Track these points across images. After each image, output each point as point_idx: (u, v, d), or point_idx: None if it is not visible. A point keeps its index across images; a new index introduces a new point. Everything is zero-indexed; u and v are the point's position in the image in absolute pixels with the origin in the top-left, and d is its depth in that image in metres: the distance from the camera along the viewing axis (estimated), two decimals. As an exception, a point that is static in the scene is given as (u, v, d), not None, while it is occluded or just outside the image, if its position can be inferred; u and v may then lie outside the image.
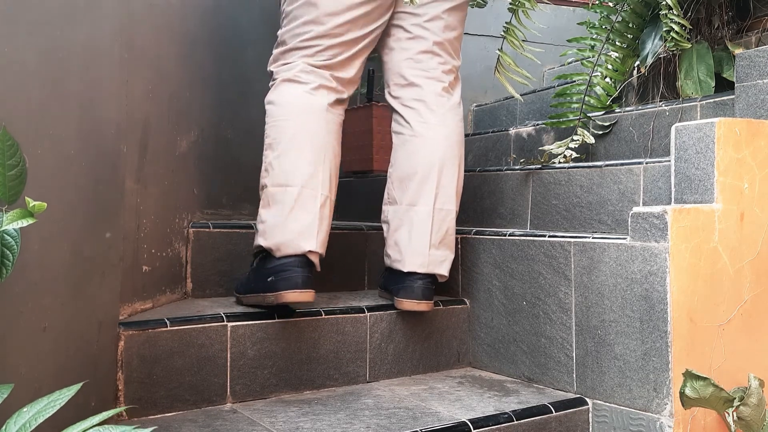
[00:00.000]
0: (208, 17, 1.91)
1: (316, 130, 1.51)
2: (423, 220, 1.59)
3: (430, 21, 1.63)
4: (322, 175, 1.48)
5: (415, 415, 1.31)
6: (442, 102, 1.63)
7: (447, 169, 1.61)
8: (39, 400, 0.70)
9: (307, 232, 1.44)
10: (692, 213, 1.30)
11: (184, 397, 1.33)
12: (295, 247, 1.43)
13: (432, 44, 1.63)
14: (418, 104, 1.63)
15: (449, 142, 1.62)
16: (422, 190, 1.60)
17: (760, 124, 1.41)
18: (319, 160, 1.49)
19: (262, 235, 1.48)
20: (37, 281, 0.93)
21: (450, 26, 1.65)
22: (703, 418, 1.30)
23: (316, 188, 1.47)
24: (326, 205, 1.49)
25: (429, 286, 1.58)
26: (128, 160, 1.32)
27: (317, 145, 1.50)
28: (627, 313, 1.33)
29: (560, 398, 1.42)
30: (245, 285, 1.54)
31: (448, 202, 1.61)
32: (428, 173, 1.60)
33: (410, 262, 1.58)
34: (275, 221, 1.45)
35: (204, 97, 1.87)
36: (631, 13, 1.99)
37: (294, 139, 1.49)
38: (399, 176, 1.64)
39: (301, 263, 1.44)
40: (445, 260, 1.61)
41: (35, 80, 0.93)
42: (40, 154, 0.93)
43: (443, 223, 1.60)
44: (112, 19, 1.21)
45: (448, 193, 1.60)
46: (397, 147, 1.66)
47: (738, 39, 1.89)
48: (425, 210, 1.59)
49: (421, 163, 1.60)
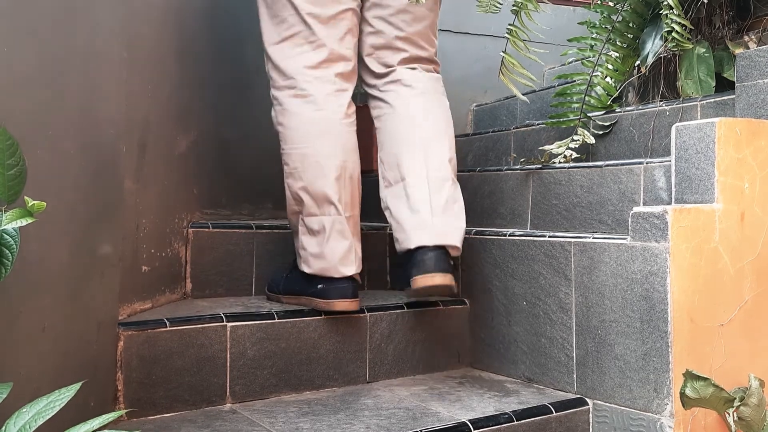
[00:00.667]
0: (207, 17, 1.91)
1: (334, 152, 1.51)
2: (418, 190, 1.52)
3: (394, 15, 1.60)
4: (347, 196, 1.53)
5: (415, 415, 1.31)
6: (417, 77, 1.61)
7: (433, 135, 1.56)
8: (38, 400, 0.69)
9: (345, 259, 1.51)
10: (693, 213, 1.29)
11: (183, 397, 1.32)
12: (337, 273, 1.51)
13: (394, 39, 1.60)
14: (392, 86, 1.62)
15: (430, 108, 1.59)
16: (412, 162, 1.54)
17: (761, 123, 1.41)
18: (342, 182, 1.52)
19: (305, 261, 1.55)
20: (36, 281, 0.93)
21: (418, 17, 1.61)
22: (704, 419, 1.30)
23: (345, 210, 1.52)
24: (354, 224, 1.55)
25: (443, 257, 1.47)
26: (128, 159, 1.31)
27: (338, 166, 1.52)
28: (627, 313, 1.33)
29: (560, 398, 1.42)
30: (287, 285, 1.61)
31: (441, 169, 1.54)
32: (414, 144, 1.55)
33: (416, 237, 1.49)
34: (314, 251, 1.53)
35: (204, 97, 1.87)
36: (632, 13, 1.99)
37: (313, 167, 1.51)
38: (387, 156, 1.59)
39: (349, 280, 1.52)
40: (456, 229, 1.51)
41: (35, 80, 0.93)
42: (39, 154, 0.93)
43: (441, 190, 1.52)
44: (111, 19, 1.21)
45: (440, 159, 1.54)
46: (380, 129, 1.63)
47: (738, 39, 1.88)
48: (418, 180, 1.53)
49: (404, 136, 1.56)
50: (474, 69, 2.97)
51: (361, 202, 1.61)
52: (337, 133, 1.53)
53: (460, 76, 2.86)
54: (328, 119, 1.52)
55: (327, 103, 1.52)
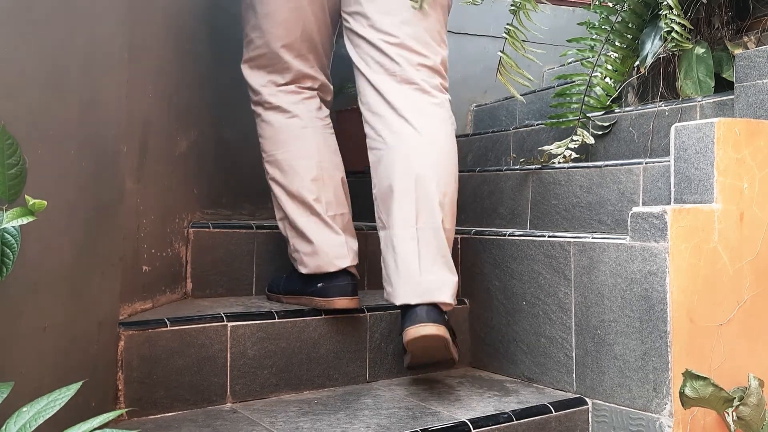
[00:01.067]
0: (208, 17, 1.91)
1: (308, 154, 1.54)
2: (405, 244, 1.38)
3: (378, 14, 1.44)
4: (328, 196, 1.54)
5: (414, 414, 1.31)
6: (415, 104, 1.42)
7: (426, 180, 1.38)
8: (39, 399, 0.70)
9: (338, 252, 1.51)
10: (692, 213, 1.30)
11: (184, 397, 1.33)
12: (332, 267, 1.51)
13: (386, 45, 1.43)
14: (386, 110, 1.43)
15: (427, 148, 1.40)
16: (401, 209, 1.39)
17: (760, 124, 1.41)
18: (320, 183, 1.54)
19: (300, 263, 1.55)
20: (37, 281, 0.93)
21: (409, 21, 1.43)
22: (703, 418, 1.30)
23: (328, 210, 1.53)
24: (343, 221, 1.55)
25: (433, 311, 1.35)
26: (128, 160, 1.32)
27: (313, 166, 1.54)
28: (627, 313, 1.33)
29: (560, 398, 1.42)
30: (287, 286, 1.60)
31: (432, 219, 1.38)
32: (405, 188, 1.39)
33: (401, 293, 1.38)
34: (306, 250, 1.53)
35: (204, 97, 1.87)
36: (631, 14, 1.99)
37: (289, 171, 1.54)
38: (380, 196, 1.45)
39: (348, 272, 1.53)
40: (444, 285, 1.37)
41: (35, 80, 0.93)
42: (40, 154, 0.93)
43: (431, 243, 1.38)
44: (111, 19, 1.21)
45: (431, 207, 1.38)
46: (373, 164, 1.47)
47: (737, 39, 1.89)
48: (407, 231, 1.38)
49: (396, 178, 1.40)
50: (473, 70, 2.97)
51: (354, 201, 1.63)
52: (311, 136, 1.56)
53: (459, 77, 2.87)
54: (300, 124, 1.56)
55: (296, 109, 1.56)
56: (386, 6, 1.43)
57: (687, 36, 1.80)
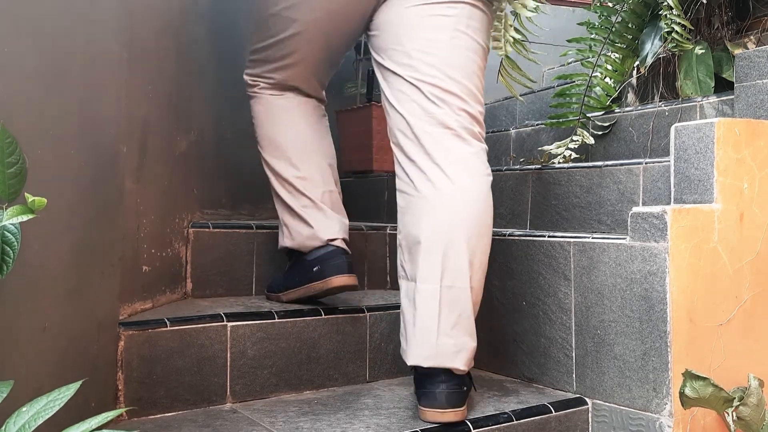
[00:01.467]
0: (207, 17, 1.91)
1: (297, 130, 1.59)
2: (428, 301, 1.28)
3: (419, 53, 1.34)
4: (316, 175, 1.57)
5: (415, 414, 1.31)
6: (452, 154, 1.31)
7: (458, 236, 1.28)
8: (38, 399, 0.69)
9: (323, 225, 1.54)
10: (692, 213, 1.30)
11: (184, 397, 1.33)
12: (318, 241, 1.52)
13: (427, 86, 1.33)
14: (422, 157, 1.32)
15: (460, 202, 1.30)
16: (427, 264, 1.29)
17: (760, 124, 1.41)
18: (309, 160, 1.58)
19: (286, 236, 1.59)
20: (36, 281, 0.93)
21: (453, 64, 1.34)
22: (703, 418, 1.30)
23: (316, 187, 1.57)
24: (328, 198, 1.58)
25: (456, 389, 1.26)
26: (128, 160, 1.32)
27: (302, 145, 1.58)
28: (626, 313, 1.33)
29: (560, 398, 1.42)
30: (285, 282, 1.61)
31: (460, 278, 1.28)
32: (434, 242, 1.29)
33: (414, 354, 1.28)
34: (290, 223, 1.57)
35: (204, 97, 1.87)
36: (631, 14, 1.99)
37: (281, 146, 1.58)
38: (406, 245, 1.34)
39: (342, 251, 1.52)
40: (461, 350, 1.27)
41: (35, 80, 0.93)
42: (39, 154, 0.93)
43: (455, 305, 1.28)
44: (111, 19, 1.21)
45: (459, 266, 1.28)
46: (402, 209, 1.36)
47: (737, 39, 1.89)
48: (431, 288, 1.28)
49: (425, 230, 1.29)
50: (473, 69, 2.96)
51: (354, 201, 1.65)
52: (298, 116, 1.60)
53: (459, 77, 2.86)
54: (288, 105, 1.60)
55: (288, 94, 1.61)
56: (429, 46, 1.33)
57: (687, 36, 1.80)
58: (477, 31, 1.36)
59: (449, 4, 1.34)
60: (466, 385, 1.30)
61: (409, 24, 1.36)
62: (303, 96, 1.62)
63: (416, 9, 1.35)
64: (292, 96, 1.61)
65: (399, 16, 1.37)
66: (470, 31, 1.35)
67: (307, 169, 1.58)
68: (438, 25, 1.34)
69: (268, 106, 1.60)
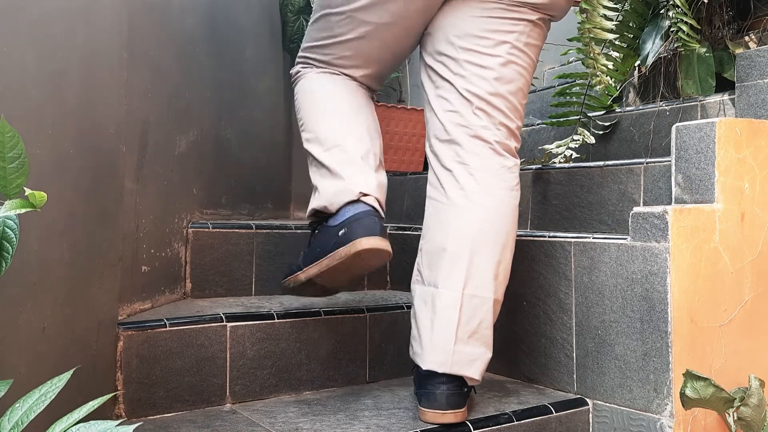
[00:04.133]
0: (207, 17, 1.91)
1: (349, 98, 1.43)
2: (448, 308, 1.27)
3: (472, 65, 1.33)
4: (364, 133, 1.40)
5: (415, 415, 1.30)
6: (486, 165, 1.32)
7: (485, 246, 1.29)
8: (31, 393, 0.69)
9: (355, 180, 1.34)
10: (693, 213, 1.29)
11: (183, 397, 1.32)
12: (351, 194, 1.33)
13: (473, 97, 1.33)
14: (457, 166, 1.33)
15: (491, 213, 1.31)
16: (451, 271, 1.28)
17: (761, 123, 1.41)
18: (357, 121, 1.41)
19: (315, 197, 1.40)
20: (36, 281, 0.93)
21: (501, 78, 1.33)
22: (704, 419, 1.30)
23: (362, 142, 1.39)
24: (372, 157, 1.40)
25: (456, 390, 1.26)
26: (127, 159, 1.31)
27: (350, 108, 1.42)
28: (627, 313, 1.33)
29: (560, 398, 1.42)
30: (304, 258, 1.41)
31: (483, 288, 1.28)
32: (460, 250, 1.28)
33: (430, 359, 1.26)
34: (322, 183, 1.38)
35: (203, 97, 1.87)
36: (632, 13, 1.99)
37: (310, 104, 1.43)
38: (428, 250, 1.33)
39: (374, 211, 1.34)
40: (477, 359, 1.28)
41: (35, 80, 0.93)
42: (39, 153, 0.93)
43: (475, 314, 1.28)
44: (111, 19, 1.21)
45: (483, 276, 1.28)
46: (430, 215, 1.36)
47: (738, 39, 1.88)
48: (452, 295, 1.27)
49: (452, 238, 1.29)
50: (474, 69, 2.96)
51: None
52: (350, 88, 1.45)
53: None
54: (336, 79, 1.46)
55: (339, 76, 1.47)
56: (486, 61, 1.33)
57: (695, 36, 1.79)
58: (533, 47, 1.37)
59: (513, 21, 1.33)
60: (467, 386, 1.29)
61: (469, 34, 1.33)
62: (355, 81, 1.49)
63: (478, 21, 1.33)
64: (344, 76, 1.47)
65: (460, 22, 1.34)
66: (527, 48, 1.35)
67: (356, 127, 1.40)
68: (499, 41, 1.33)
69: (316, 77, 1.45)
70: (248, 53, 2.13)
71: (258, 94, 2.18)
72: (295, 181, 2.35)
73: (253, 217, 2.10)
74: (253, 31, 2.18)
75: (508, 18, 1.33)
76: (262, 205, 2.16)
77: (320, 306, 1.55)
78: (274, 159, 2.26)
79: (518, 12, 1.33)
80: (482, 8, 1.32)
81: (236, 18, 2.09)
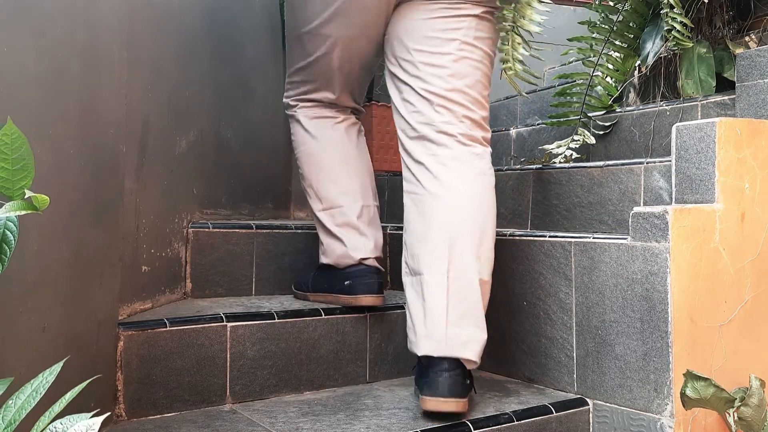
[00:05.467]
0: (207, 17, 1.91)
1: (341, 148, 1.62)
2: (435, 291, 1.31)
3: (426, 66, 1.39)
4: (357, 189, 1.60)
5: (415, 415, 1.30)
6: (455, 155, 1.38)
7: (464, 229, 1.33)
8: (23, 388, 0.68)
9: (354, 245, 1.57)
10: (693, 213, 1.29)
11: (183, 397, 1.32)
12: (350, 259, 1.57)
13: (432, 96, 1.39)
14: (428, 159, 1.39)
15: (466, 198, 1.36)
16: (434, 256, 1.33)
17: (761, 123, 1.41)
18: (350, 176, 1.61)
19: (323, 253, 1.64)
20: (36, 281, 0.93)
21: (456, 74, 1.38)
22: (704, 419, 1.29)
23: (356, 201, 1.60)
24: (365, 214, 1.61)
25: (458, 379, 1.27)
26: (127, 159, 1.31)
27: (343, 160, 1.61)
28: (628, 313, 1.33)
29: (561, 399, 1.41)
30: (315, 284, 1.64)
31: (467, 270, 1.32)
32: (440, 236, 1.33)
33: (424, 345, 1.30)
34: (326, 241, 1.61)
35: (203, 97, 1.87)
36: (632, 13, 1.98)
37: (315, 165, 1.62)
38: (411, 242, 1.39)
39: (375, 270, 1.57)
40: (471, 341, 1.30)
41: (35, 80, 0.93)
42: (39, 153, 0.93)
43: (463, 295, 1.31)
44: (111, 19, 1.21)
45: (465, 259, 1.32)
46: (409, 209, 1.42)
47: (739, 38, 1.88)
48: (437, 279, 1.31)
49: (432, 225, 1.35)
50: (474, 69, 2.96)
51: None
52: (343, 140, 1.63)
53: (460, 76, 2.85)
54: (332, 130, 1.63)
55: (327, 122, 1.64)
56: (438, 60, 1.39)
57: (688, 35, 1.79)
58: (483, 40, 1.42)
59: (458, 18, 1.39)
60: (469, 377, 1.31)
61: (420, 36, 1.40)
62: (342, 113, 1.64)
63: (426, 23, 1.41)
64: (332, 114, 1.63)
65: (410, 25, 1.42)
66: (477, 42, 1.41)
67: (348, 185, 1.60)
68: (447, 39, 1.39)
69: (309, 125, 1.62)
70: (248, 53, 2.13)
71: (258, 93, 2.18)
72: (295, 180, 2.35)
73: (253, 217, 2.10)
74: (253, 30, 2.18)
75: (452, 16, 1.39)
76: (262, 205, 2.16)
77: (320, 306, 1.55)
78: (274, 159, 2.26)
79: (461, 9, 1.39)
80: (426, 9, 1.40)
81: (236, 17, 2.09)
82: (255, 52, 2.18)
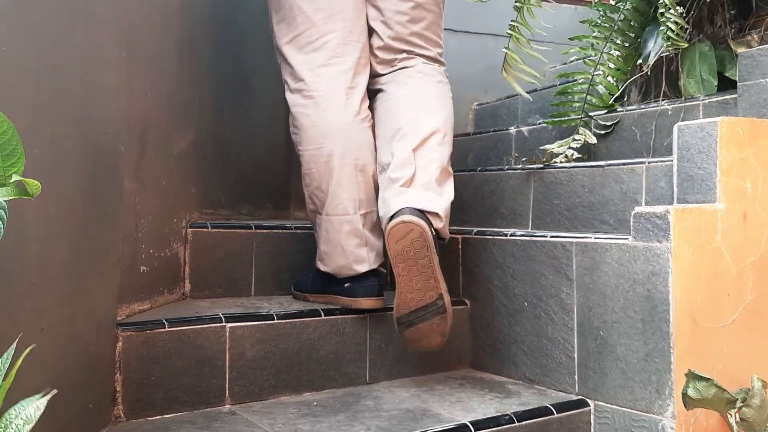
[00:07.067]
0: (207, 16, 1.91)
1: (343, 151, 1.56)
2: (403, 165, 1.48)
3: (392, 15, 1.61)
4: (360, 194, 1.57)
5: (415, 416, 1.30)
6: (414, 75, 1.61)
7: (425, 117, 1.53)
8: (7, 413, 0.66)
9: (359, 256, 1.56)
10: (695, 213, 1.29)
11: (182, 398, 1.32)
12: (351, 271, 1.56)
13: (392, 40, 1.61)
14: (391, 83, 1.62)
15: (426, 93, 1.58)
16: (401, 142, 1.51)
17: (763, 123, 1.40)
18: (353, 180, 1.56)
19: (320, 260, 1.62)
20: (35, 282, 0.93)
21: (416, 18, 1.61)
22: (706, 420, 1.29)
23: (360, 208, 1.56)
24: (371, 220, 1.58)
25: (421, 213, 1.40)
26: (126, 159, 1.31)
27: (349, 164, 1.56)
28: (629, 313, 1.32)
29: (562, 400, 1.41)
30: (314, 284, 1.64)
31: (432, 151, 1.50)
32: (403, 125, 1.52)
33: (394, 205, 1.43)
34: (327, 250, 1.58)
35: (203, 97, 1.86)
36: (633, 12, 1.98)
37: (324, 166, 1.57)
38: (380, 142, 1.57)
39: (375, 272, 1.57)
40: (440, 200, 1.46)
41: (34, 80, 0.92)
42: (38, 153, 0.92)
43: (427, 169, 1.48)
44: (111, 19, 1.21)
45: (431, 143, 1.50)
46: (376, 116, 1.61)
47: (741, 38, 1.87)
48: (403, 156, 1.48)
49: (397, 119, 1.55)
50: (474, 68, 2.96)
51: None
52: (347, 132, 1.56)
53: (460, 76, 2.85)
54: (338, 119, 1.55)
55: (336, 102, 1.56)
56: (396, 5, 1.60)
57: (684, 35, 1.78)
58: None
59: None
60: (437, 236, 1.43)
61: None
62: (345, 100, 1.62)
63: None
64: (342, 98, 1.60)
65: None
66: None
67: (349, 191, 1.56)
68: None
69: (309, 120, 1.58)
70: (248, 53, 2.13)
71: (258, 93, 2.17)
72: (295, 180, 2.35)
73: (253, 217, 2.09)
74: (253, 30, 2.17)
75: None
76: (261, 205, 2.16)
77: (320, 306, 1.54)
78: (273, 159, 2.26)
79: None
80: None
81: (236, 17, 2.08)
82: (255, 52, 2.18)
